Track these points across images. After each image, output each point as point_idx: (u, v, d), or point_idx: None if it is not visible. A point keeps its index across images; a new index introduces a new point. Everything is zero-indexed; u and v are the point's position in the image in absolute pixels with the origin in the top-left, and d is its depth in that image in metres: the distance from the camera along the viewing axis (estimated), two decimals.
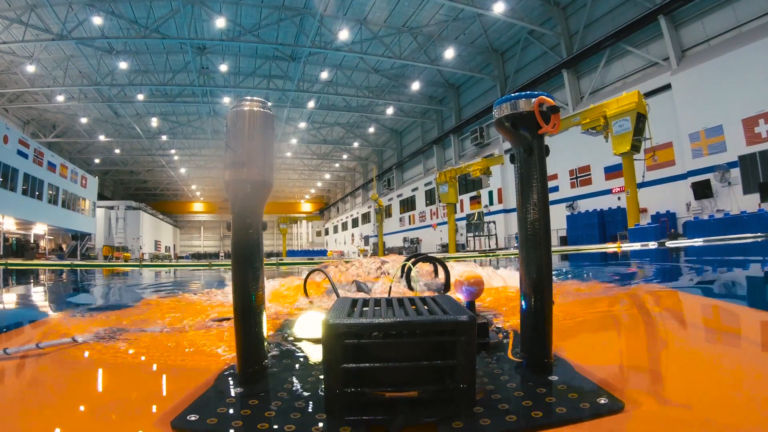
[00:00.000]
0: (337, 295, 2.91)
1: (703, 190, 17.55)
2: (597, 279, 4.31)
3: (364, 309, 2.06)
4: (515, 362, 1.92)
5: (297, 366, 1.82)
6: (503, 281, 4.03)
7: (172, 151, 50.18)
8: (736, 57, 16.71)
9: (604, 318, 2.40)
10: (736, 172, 16.74)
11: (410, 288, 3.50)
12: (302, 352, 2.07)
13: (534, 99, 2.15)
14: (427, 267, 3.98)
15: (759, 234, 11.63)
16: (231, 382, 1.69)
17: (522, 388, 1.58)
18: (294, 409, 1.51)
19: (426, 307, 2.09)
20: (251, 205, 2.14)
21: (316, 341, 2.24)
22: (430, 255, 3.94)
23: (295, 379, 1.71)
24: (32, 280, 9.33)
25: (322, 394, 1.56)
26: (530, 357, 1.94)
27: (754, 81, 16.03)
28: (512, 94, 2.21)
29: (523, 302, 2.28)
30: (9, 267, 17.01)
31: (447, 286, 3.81)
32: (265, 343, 2.07)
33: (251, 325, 2.09)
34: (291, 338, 2.35)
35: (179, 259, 45.44)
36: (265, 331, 2.21)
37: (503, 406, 1.41)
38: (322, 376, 1.63)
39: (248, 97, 2.14)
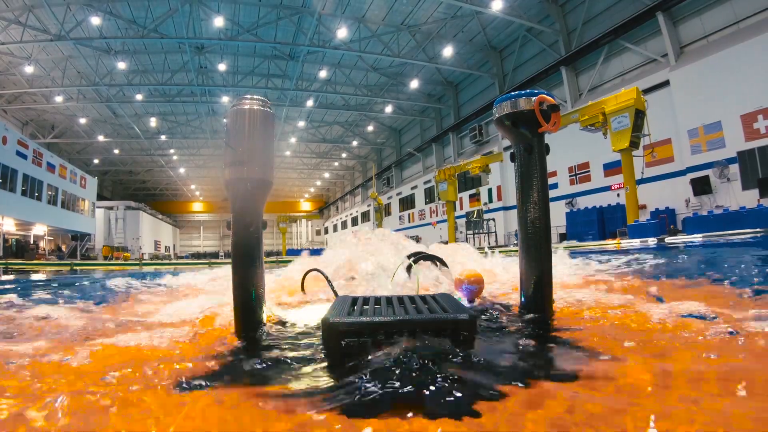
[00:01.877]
0: (335, 293, 2.92)
1: (702, 186, 17.56)
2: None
3: (365, 307, 2.07)
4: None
5: (296, 356, 1.83)
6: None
7: (171, 151, 50.13)
8: (735, 53, 16.71)
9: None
10: (735, 168, 16.75)
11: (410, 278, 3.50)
12: (302, 341, 2.07)
13: (534, 97, 2.17)
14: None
15: (758, 230, 11.64)
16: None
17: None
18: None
19: (426, 306, 2.09)
20: (251, 203, 2.16)
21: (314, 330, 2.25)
22: (430, 253, 3.94)
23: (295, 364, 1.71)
24: None
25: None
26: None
27: (753, 77, 16.04)
28: (512, 93, 2.23)
29: (523, 298, 2.29)
30: (9, 266, 17.07)
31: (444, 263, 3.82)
32: (265, 336, 2.09)
33: (250, 323, 2.10)
34: (290, 329, 2.34)
35: (179, 259, 45.44)
36: (265, 319, 2.23)
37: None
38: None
39: (248, 96, 2.15)
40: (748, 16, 17.04)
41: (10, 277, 11.11)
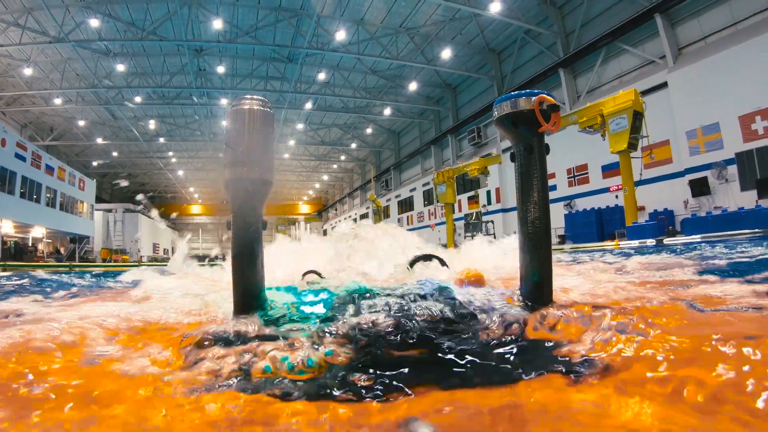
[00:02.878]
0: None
1: (700, 188, 17.57)
2: None
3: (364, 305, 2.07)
4: None
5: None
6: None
7: (170, 154, 50.10)
8: (733, 54, 16.75)
9: None
10: (733, 169, 16.76)
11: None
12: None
13: (534, 97, 2.17)
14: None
15: (757, 230, 11.67)
16: None
17: None
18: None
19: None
20: (252, 203, 2.15)
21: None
22: (429, 254, 3.95)
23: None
24: None
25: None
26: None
27: (751, 78, 16.07)
28: (513, 93, 2.23)
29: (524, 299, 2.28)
30: (7, 267, 17.10)
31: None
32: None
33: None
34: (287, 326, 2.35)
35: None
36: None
37: None
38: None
39: (248, 96, 2.15)
40: (746, 17, 17.09)
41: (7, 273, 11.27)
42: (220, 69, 31.52)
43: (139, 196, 51.17)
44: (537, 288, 2.17)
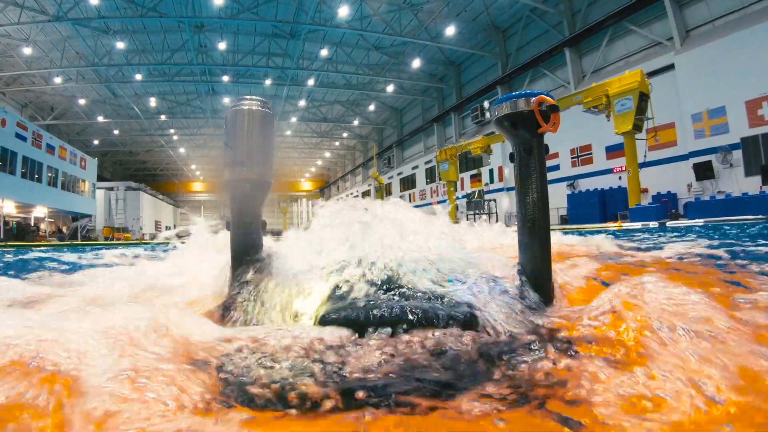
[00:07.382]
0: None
1: (704, 172, 17.48)
2: None
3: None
4: None
5: None
6: None
7: (171, 131, 49.85)
8: (741, 38, 16.48)
9: None
10: (738, 154, 16.66)
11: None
12: None
13: (533, 98, 2.15)
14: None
15: (760, 216, 11.64)
16: None
17: None
18: None
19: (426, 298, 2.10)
20: (251, 203, 2.16)
21: None
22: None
23: None
24: None
25: None
26: None
27: (758, 62, 15.84)
28: (512, 93, 2.22)
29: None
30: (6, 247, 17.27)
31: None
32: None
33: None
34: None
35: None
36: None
37: None
38: None
39: (248, 97, 2.14)
40: (755, 1, 16.78)
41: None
42: (222, 46, 31.13)
43: None
44: (536, 287, 2.19)
